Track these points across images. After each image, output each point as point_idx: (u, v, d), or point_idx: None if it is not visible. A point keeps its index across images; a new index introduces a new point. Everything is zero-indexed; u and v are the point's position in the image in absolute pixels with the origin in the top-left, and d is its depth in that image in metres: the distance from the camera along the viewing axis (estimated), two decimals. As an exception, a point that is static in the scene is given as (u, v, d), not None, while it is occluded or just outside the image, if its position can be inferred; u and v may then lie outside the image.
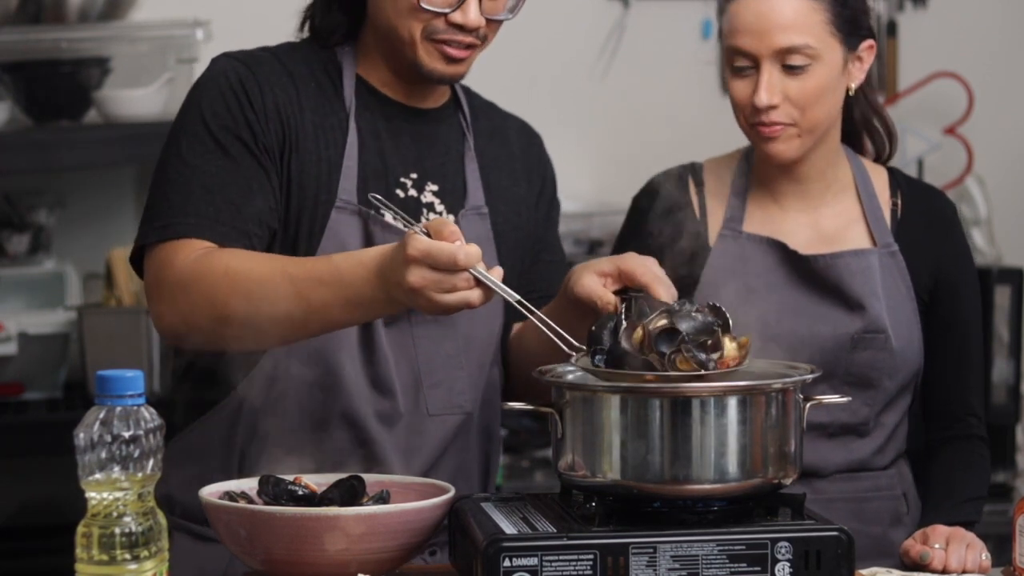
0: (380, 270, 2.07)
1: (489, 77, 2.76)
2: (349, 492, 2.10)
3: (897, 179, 2.60)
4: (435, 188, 2.38)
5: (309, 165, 2.30)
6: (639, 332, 2.07)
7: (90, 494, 1.71)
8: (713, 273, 2.49)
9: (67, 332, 3.84)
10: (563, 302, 2.28)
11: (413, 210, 2.35)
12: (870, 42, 2.50)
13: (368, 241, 2.31)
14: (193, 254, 2.21)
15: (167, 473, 2.35)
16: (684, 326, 2.05)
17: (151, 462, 1.72)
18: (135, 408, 1.71)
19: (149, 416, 1.72)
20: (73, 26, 3.83)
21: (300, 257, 2.25)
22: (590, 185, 4.32)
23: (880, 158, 2.63)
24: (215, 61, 2.35)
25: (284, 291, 2.14)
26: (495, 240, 2.42)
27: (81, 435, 1.70)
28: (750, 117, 2.46)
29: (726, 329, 2.08)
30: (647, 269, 2.21)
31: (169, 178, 2.27)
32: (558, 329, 2.12)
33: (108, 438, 1.69)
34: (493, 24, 2.33)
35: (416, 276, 2.02)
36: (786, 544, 2.00)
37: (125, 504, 1.71)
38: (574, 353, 2.12)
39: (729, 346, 2.08)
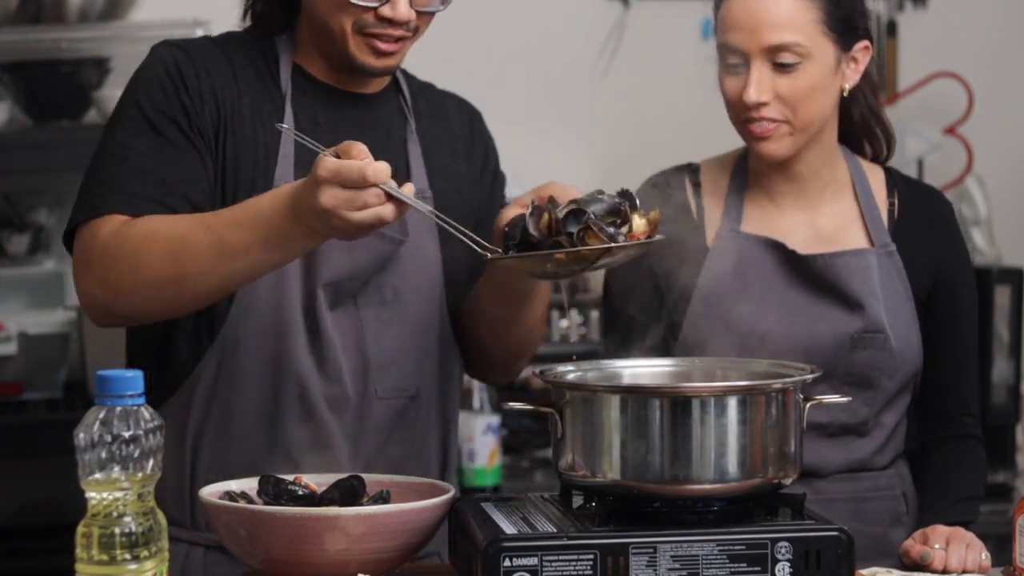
0: (294, 199, 2.08)
1: (489, 77, 2.79)
2: (349, 492, 2.10)
3: (894, 179, 2.60)
4: None
5: (245, 150, 2.31)
6: (546, 217, 2.11)
7: (90, 494, 1.71)
8: (712, 273, 2.49)
9: (67, 332, 3.84)
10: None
11: None
12: (865, 43, 2.50)
13: None
14: (117, 226, 2.23)
15: None
16: (591, 208, 2.08)
17: (151, 462, 1.71)
18: (135, 408, 1.71)
19: (149, 416, 1.72)
20: (73, 26, 3.83)
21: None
22: (590, 185, 4.29)
23: (878, 159, 2.63)
24: (154, 48, 2.38)
25: (204, 241, 2.15)
26: (436, 224, 2.40)
27: (81, 435, 1.70)
28: (741, 114, 2.46)
29: (633, 207, 2.12)
30: (565, 190, 2.22)
31: (103, 161, 2.30)
32: (471, 234, 2.14)
33: (108, 438, 1.69)
34: (425, 16, 2.33)
35: (327, 196, 2.03)
36: (786, 544, 2.00)
37: (125, 504, 1.70)
38: (488, 254, 2.13)
39: (638, 221, 2.11)
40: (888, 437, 2.52)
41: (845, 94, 2.49)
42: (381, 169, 2.03)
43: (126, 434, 1.69)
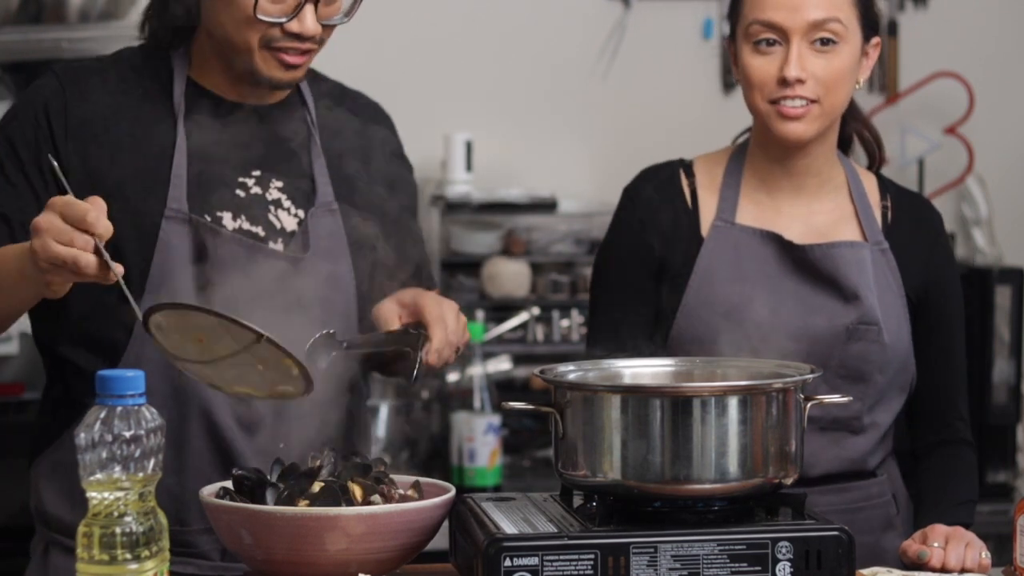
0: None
1: (490, 77, 2.79)
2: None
3: (886, 184, 2.61)
4: (280, 184, 2.35)
5: (130, 176, 2.28)
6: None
7: (91, 494, 1.71)
8: (707, 263, 2.49)
9: (68, 332, 3.84)
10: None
11: (258, 208, 2.32)
12: (878, 39, 2.51)
13: (200, 249, 2.28)
14: None
15: (40, 487, 2.38)
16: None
17: (152, 462, 1.71)
18: (136, 408, 1.71)
19: (150, 416, 1.72)
20: (74, 26, 3.83)
21: None
22: (590, 185, 4.33)
23: (870, 166, 2.64)
24: (43, 75, 2.36)
25: None
26: (347, 235, 2.38)
27: (82, 435, 1.70)
28: (772, 94, 2.44)
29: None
30: (438, 309, 2.24)
31: None
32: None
33: (109, 438, 1.69)
34: (328, 28, 2.31)
35: (44, 218, 2.01)
36: (787, 544, 2.00)
37: (126, 504, 1.71)
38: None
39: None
40: (881, 438, 2.53)
41: (859, 87, 2.50)
42: (104, 226, 2.01)
43: (127, 434, 1.69)
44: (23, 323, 3.79)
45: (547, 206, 4.18)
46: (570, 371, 2.20)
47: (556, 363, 2.23)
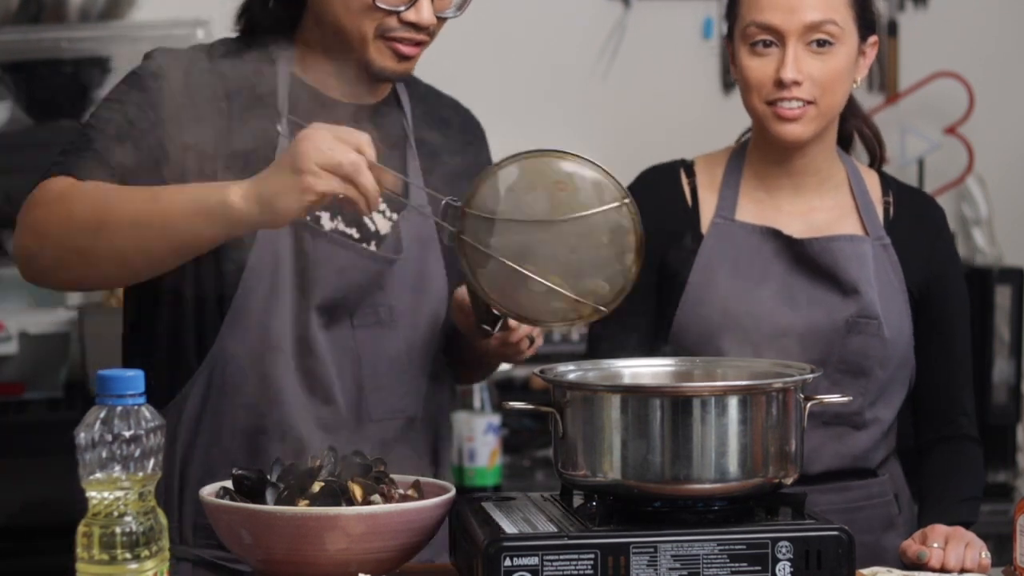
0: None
1: (490, 77, 2.79)
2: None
3: (888, 182, 2.61)
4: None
5: (233, 170, 2.25)
6: None
7: (91, 493, 1.71)
8: (706, 260, 2.50)
9: (68, 332, 3.84)
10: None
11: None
12: (875, 38, 2.52)
13: (299, 248, 2.28)
14: (67, 183, 2.20)
15: None
16: None
17: (152, 461, 1.71)
18: (136, 408, 1.71)
19: (150, 415, 1.72)
20: (74, 26, 3.84)
21: None
22: (591, 185, 4.32)
23: (871, 163, 2.64)
24: (151, 57, 2.34)
25: (139, 195, 2.13)
26: (438, 238, 2.38)
27: (82, 434, 1.70)
28: (769, 95, 2.45)
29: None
30: None
31: (72, 142, 2.27)
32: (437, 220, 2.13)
33: (109, 437, 1.69)
34: (441, 21, 2.31)
35: (312, 129, 2.04)
36: (787, 544, 2.00)
37: (126, 503, 1.71)
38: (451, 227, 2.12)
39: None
40: (883, 434, 2.53)
41: (856, 85, 2.51)
42: (372, 153, 2.03)
43: (127, 434, 1.69)
44: (23, 323, 3.80)
45: (547, 206, 4.18)
46: (570, 371, 2.20)
47: (556, 363, 2.23)
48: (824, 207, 2.54)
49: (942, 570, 2.22)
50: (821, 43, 2.43)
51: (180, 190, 2.13)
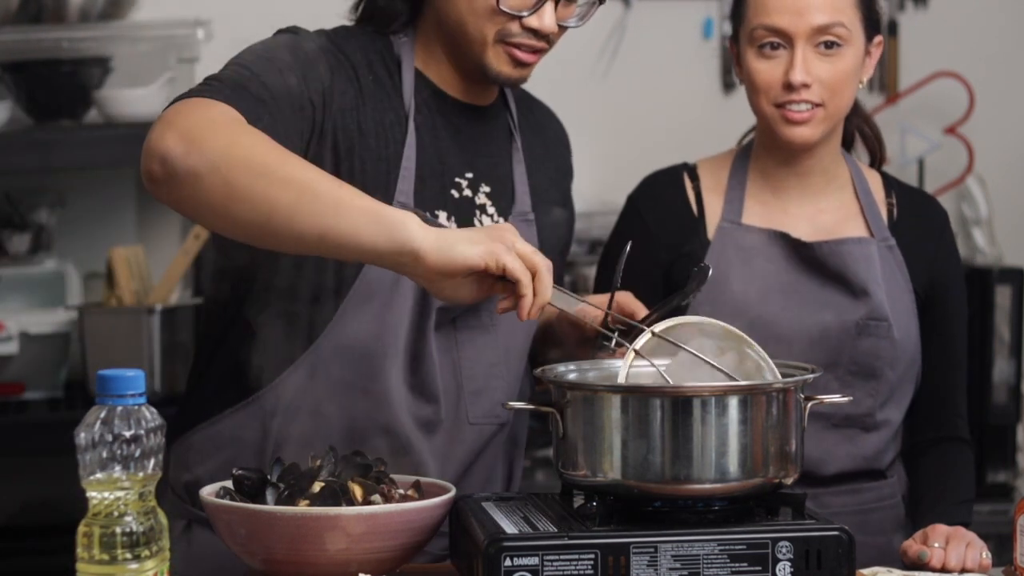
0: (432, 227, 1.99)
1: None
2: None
3: (890, 182, 2.62)
4: (488, 190, 2.35)
5: (369, 162, 2.25)
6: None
7: (91, 493, 1.71)
8: (714, 265, 2.49)
9: (68, 332, 3.84)
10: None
11: (466, 211, 2.32)
12: (880, 38, 2.52)
13: None
14: (234, 115, 2.08)
15: (191, 462, 2.33)
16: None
17: (152, 461, 1.72)
18: (136, 408, 1.71)
19: (150, 416, 1.72)
20: (74, 26, 3.83)
21: None
22: (590, 185, 4.31)
23: (873, 163, 2.64)
24: (287, 31, 2.28)
25: (297, 162, 2.02)
26: (539, 247, 2.40)
27: (82, 434, 1.70)
28: (778, 98, 2.44)
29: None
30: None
31: (226, 74, 2.16)
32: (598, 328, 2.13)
33: (109, 437, 1.69)
34: (561, 30, 2.31)
35: (503, 233, 1.99)
36: (787, 544, 2.00)
37: (126, 504, 1.71)
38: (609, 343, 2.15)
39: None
40: (893, 435, 2.53)
41: (862, 85, 2.50)
42: (548, 282, 2.02)
43: (127, 434, 1.70)
44: (23, 323, 3.80)
45: (547, 206, 4.18)
46: (570, 371, 2.20)
47: (557, 363, 2.23)
48: (830, 208, 2.54)
49: (943, 570, 2.22)
50: (829, 45, 2.43)
51: (361, 196, 2.00)
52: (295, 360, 2.26)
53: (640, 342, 2.12)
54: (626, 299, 2.28)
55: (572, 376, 2.18)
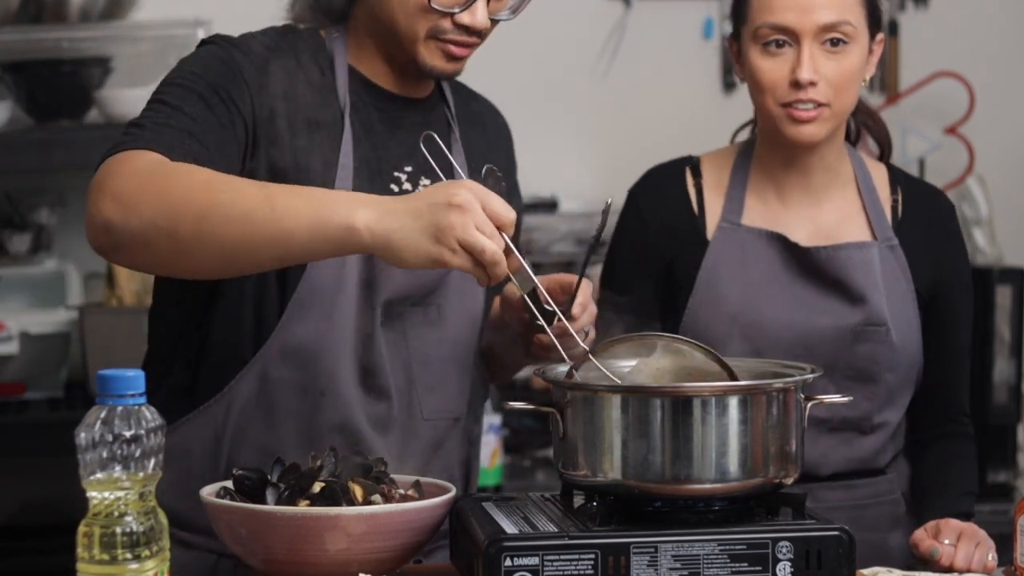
0: (402, 196, 1.98)
1: (490, 77, 2.77)
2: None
3: (897, 176, 2.60)
4: (427, 182, 2.34)
5: (306, 161, 2.25)
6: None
7: (91, 493, 1.71)
8: (712, 266, 2.49)
9: (68, 332, 3.84)
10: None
11: None
12: (881, 35, 2.51)
13: None
14: (155, 158, 2.09)
15: None
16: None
17: (152, 461, 1.72)
18: (136, 408, 1.71)
19: (150, 416, 1.72)
20: (74, 26, 3.83)
21: None
22: (590, 185, 4.32)
23: (882, 156, 2.63)
24: (210, 40, 2.29)
25: (250, 190, 2.02)
26: None
27: (82, 434, 1.70)
28: (784, 97, 2.43)
29: None
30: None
31: (149, 114, 2.17)
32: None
33: (109, 437, 1.69)
34: (493, 24, 2.31)
35: (465, 198, 1.93)
36: (787, 544, 2.00)
37: (126, 503, 1.71)
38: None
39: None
40: (891, 436, 2.52)
41: (865, 83, 2.50)
42: (511, 225, 1.97)
43: (127, 434, 1.70)
44: (24, 323, 3.80)
45: (547, 206, 4.18)
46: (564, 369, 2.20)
47: (557, 363, 2.23)
48: (832, 207, 2.53)
49: (948, 569, 2.22)
50: (835, 42, 2.42)
51: (296, 195, 2.00)
52: (244, 366, 2.26)
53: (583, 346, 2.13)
54: (568, 277, 2.27)
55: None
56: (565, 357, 2.12)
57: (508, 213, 1.97)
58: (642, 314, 2.48)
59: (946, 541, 2.24)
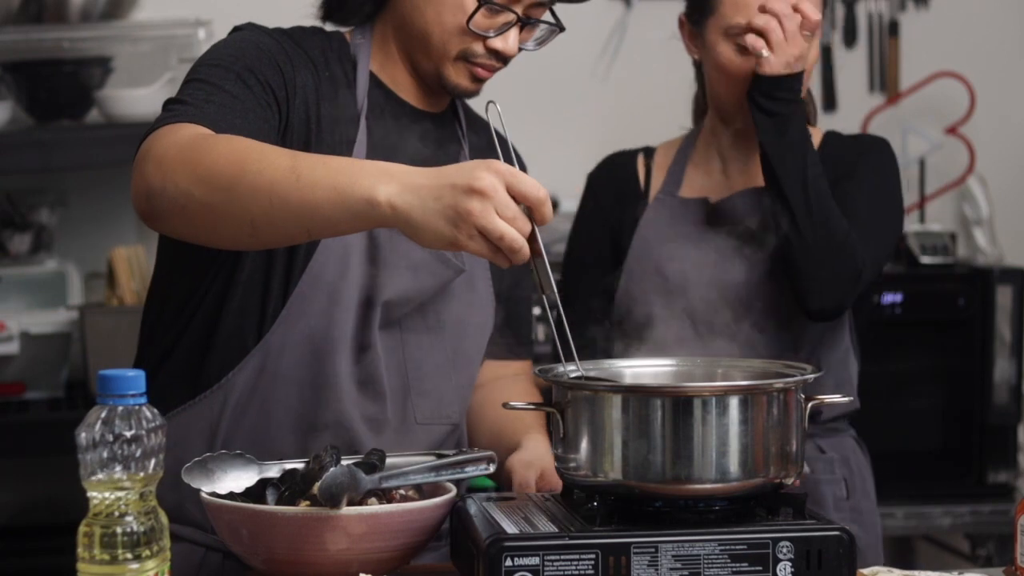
0: (429, 170, 1.92)
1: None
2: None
3: (829, 137, 2.72)
4: None
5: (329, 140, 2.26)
6: None
7: (92, 493, 1.71)
8: (644, 230, 2.65)
9: (69, 331, 3.84)
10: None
11: None
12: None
13: (372, 242, 2.29)
14: (196, 130, 2.09)
15: None
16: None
17: (153, 461, 1.72)
18: (137, 407, 1.71)
19: (151, 415, 1.72)
20: (75, 26, 3.84)
21: None
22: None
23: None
24: (242, 27, 2.29)
25: (279, 160, 1.97)
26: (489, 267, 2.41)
27: (83, 434, 1.70)
28: (748, 86, 2.54)
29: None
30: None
31: (189, 92, 2.18)
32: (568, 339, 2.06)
33: (110, 437, 1.69)
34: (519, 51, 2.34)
35: (489, 183, 1.85)
36: (787, 544, 2.00)
37: (127, 503, 1.71)
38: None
39: None
40: (837, 383, 2.56)
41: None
42: (549, 215, 1.89)
43: (128, 434, 1.70)
44: (24, 323, 3.80)
45: (547, 206, 4.19)
46: (571, 370, 2.20)
47: (557, 363, 2.23)
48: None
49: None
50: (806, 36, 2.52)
51: (323, 165, 1.95)
52: (246, 355, 2.27)
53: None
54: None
55: (573, 375, 2.18)
56: None
57: (537, 192, 1.88)
58: (596, 288, 2.63)
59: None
